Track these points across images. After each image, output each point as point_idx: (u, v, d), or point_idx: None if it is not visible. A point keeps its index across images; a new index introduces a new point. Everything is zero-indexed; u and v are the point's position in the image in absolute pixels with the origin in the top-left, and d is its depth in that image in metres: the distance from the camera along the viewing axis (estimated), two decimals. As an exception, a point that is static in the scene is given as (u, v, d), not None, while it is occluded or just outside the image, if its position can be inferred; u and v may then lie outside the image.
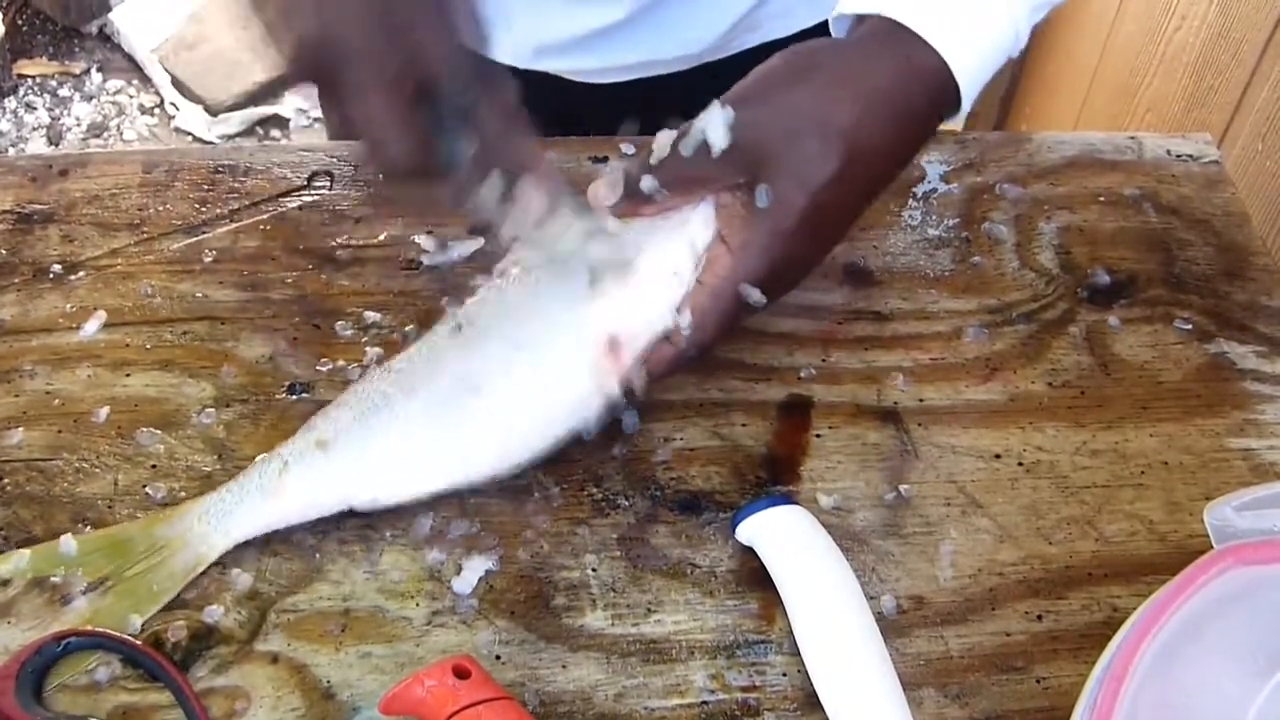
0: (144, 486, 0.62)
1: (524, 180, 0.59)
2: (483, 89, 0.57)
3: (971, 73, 0.61)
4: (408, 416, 0.61)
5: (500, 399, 0.61)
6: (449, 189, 0.59)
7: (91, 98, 2.43)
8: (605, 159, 0.78)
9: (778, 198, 0.60)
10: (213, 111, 2.35)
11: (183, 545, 0.60)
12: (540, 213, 0.60)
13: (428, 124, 0.57)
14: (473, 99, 0.57)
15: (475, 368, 0.62)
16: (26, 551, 0.59)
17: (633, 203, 0.63)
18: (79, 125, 2.38)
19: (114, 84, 2.46)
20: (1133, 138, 0.84)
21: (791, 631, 0.59)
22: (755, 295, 0.61)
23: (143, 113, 2.41)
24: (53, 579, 0.58)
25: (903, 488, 0.65)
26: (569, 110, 0.81)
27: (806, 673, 0.57)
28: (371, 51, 0.55)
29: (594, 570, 0.61)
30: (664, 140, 0.63)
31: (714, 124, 0.60)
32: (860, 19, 0.63)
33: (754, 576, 0.61)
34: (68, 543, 0.59)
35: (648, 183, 0.62)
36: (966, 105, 0.63)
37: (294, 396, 0.66)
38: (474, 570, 0.60)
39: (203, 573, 0.60)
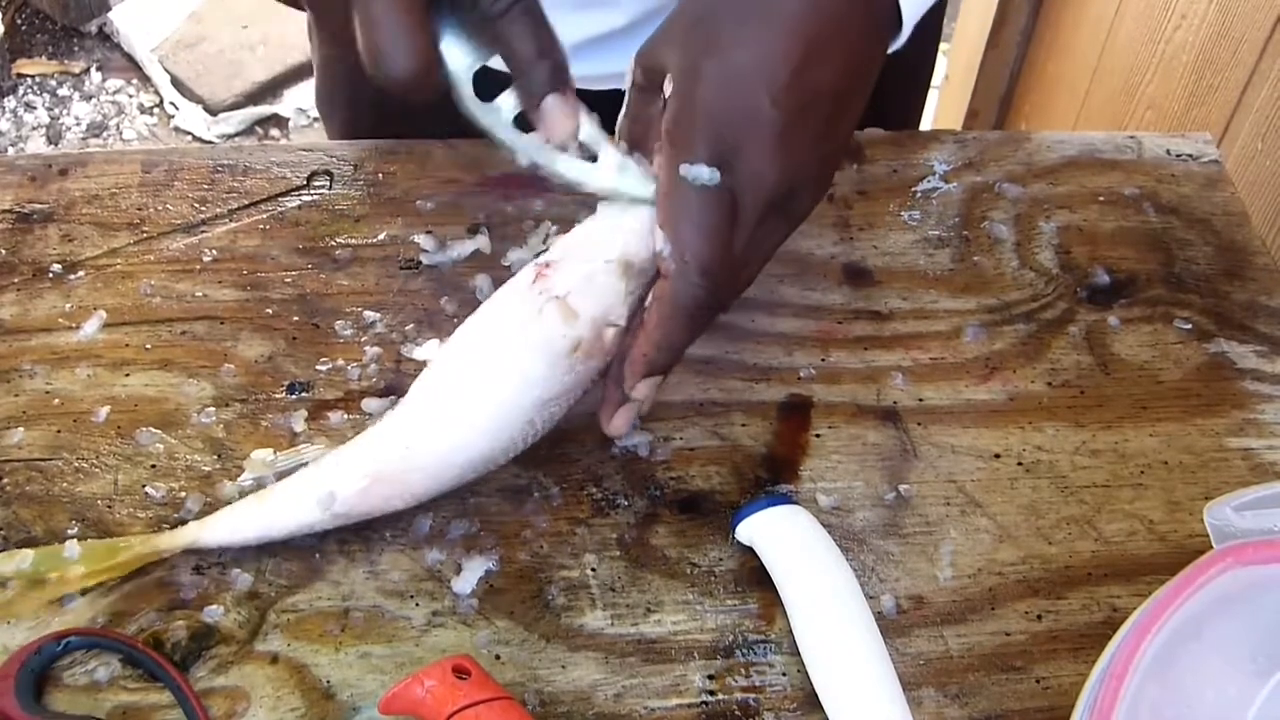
0: (144, 486, 0.62)
1: (549, 102, 0.55)
2: None
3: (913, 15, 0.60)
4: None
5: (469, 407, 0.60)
6: (458, 106, 0.55)
7: (91, 97, 2.43)
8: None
9: (739, 187, 0.57)
10: (212, 111, 2.35)
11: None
12: (563, 135, 0.57)
13: (439, 30, 0.54)
14: (504, 3, 0.53)
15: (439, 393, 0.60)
16: (30, 552, 0.59)
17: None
18: (78, 125, 2.38)
19: (113, 83, 2.46)
20: (1132, 137, 0.84)
21: (791, 631, 0.59)
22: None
23: (142, 112, 2.42)
24: (50, 576, 0.58)
25: (902, 487, 0.65)
26: None
27: (806, 673, 0.57)
28: None
29: (593, 570, 0.61)
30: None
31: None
32: None
33: (754, 576, 0.61)
34: (71, 548, 0.59)
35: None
36: (908, 28, 0.61)
37: (293, 396, 0.66)
38: (474, 570, 0.60)
39: (203, 572, 0.60)
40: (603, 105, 0.77)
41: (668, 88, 0.58)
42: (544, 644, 0.59)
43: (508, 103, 0.57)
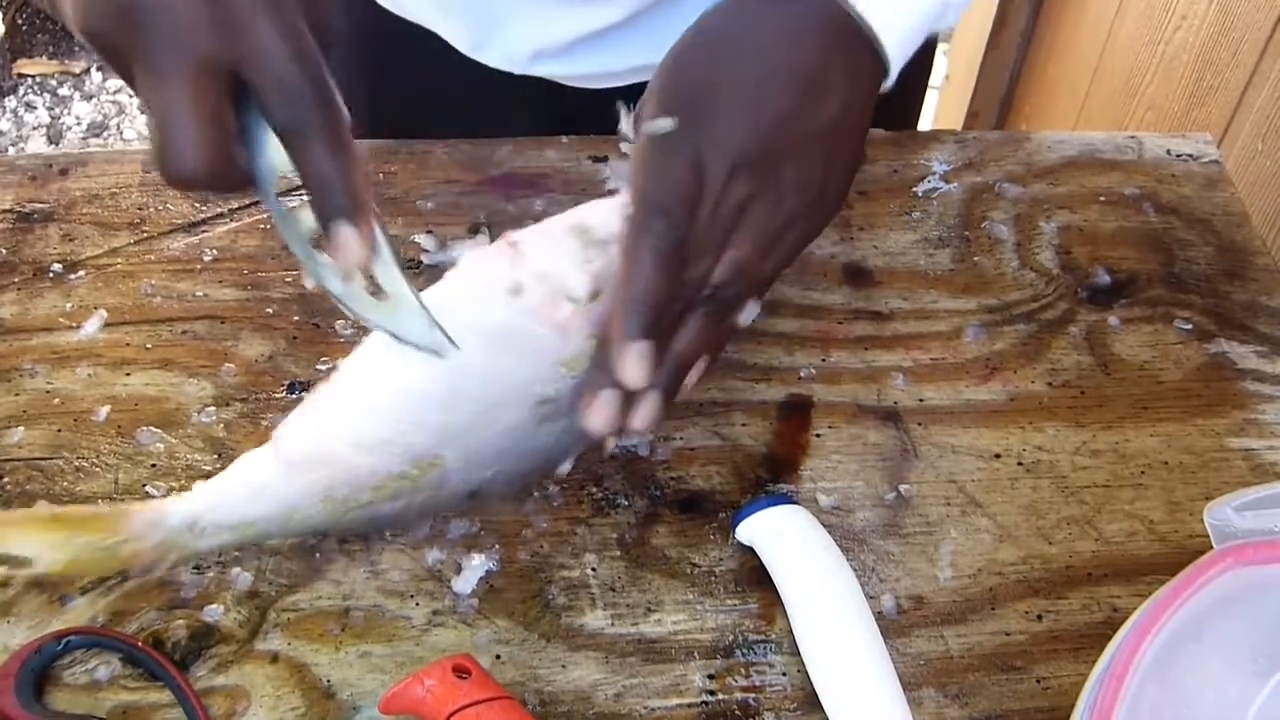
0: (144, 485, 0.62)
1: (341, 229, 0.50)
2: (314, 105, 0.48)
3: (899, 40, 0.59)
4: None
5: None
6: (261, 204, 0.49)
7: (91, 97, 2.43)
8: (605, 159, 0.78)
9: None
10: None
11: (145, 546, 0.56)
12: (351, 266, 0.51)
13: (238, 131, 0.49)
14: (298, 116, 0.48)
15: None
16: None
17: None
18: (79, 124, 2.38)
19: (114, 83, 2.46)
20: (1133, 137, 0.84)
21: (791, 631, 0.59)
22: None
23: (143, 112, 2.42)
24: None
25: (903, 487, 0.65)
26: (565, 117, 0.80)
27: (806, 673, 0.57)
28: (182, 23, 0.46)
29: (594, 570, 0.61)
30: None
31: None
32: None
33: (754, 576, 0.61)
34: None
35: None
36: (894, 73, 0.60)
37: (294, 395, 0.66)
38: (474, 570, 0.60)
39: (203, 571, 0.60)
40: (598, 105, 0.77)
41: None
42: (544, 644, 0.59)
43: (307, 216, 0.51)
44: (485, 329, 0.56)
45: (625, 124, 0.61)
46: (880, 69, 0.60)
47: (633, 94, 0.64)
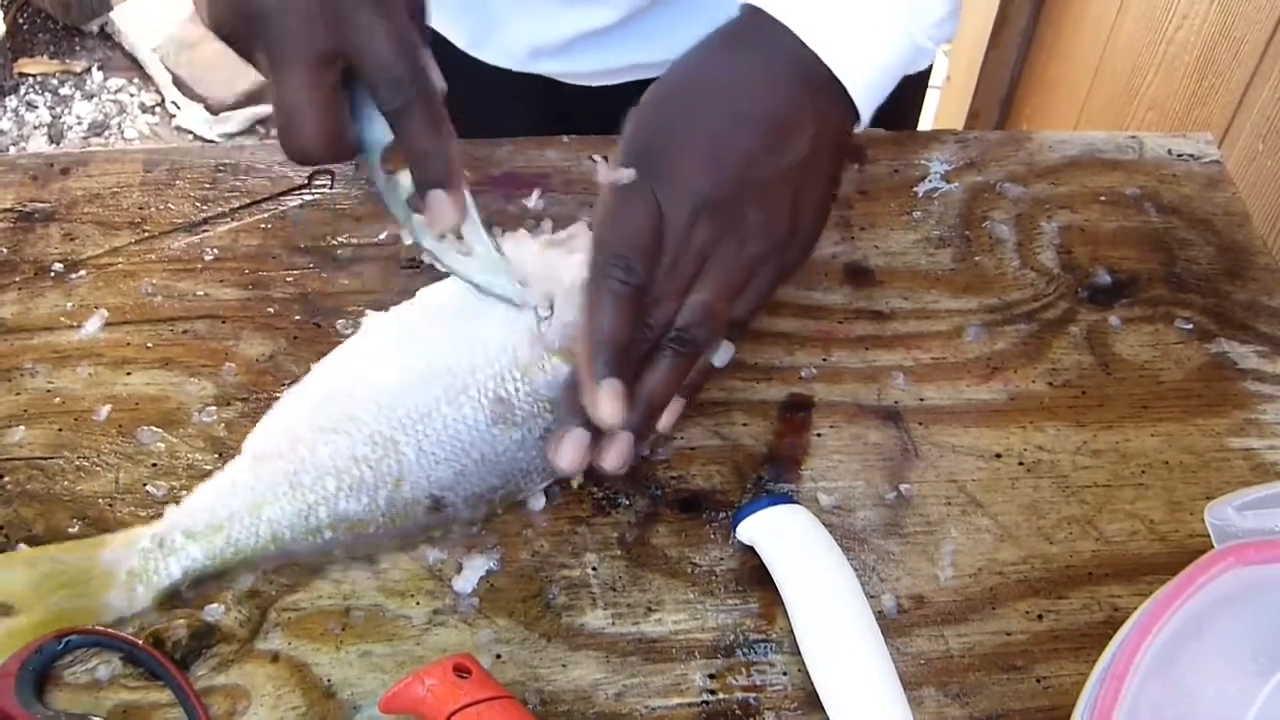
0: (145, 485, 0.63)
1: (434, 195, 0.58)
2: (415, 89, 0.55)
3: (866, 86, 0.61)
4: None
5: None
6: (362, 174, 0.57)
7: (92, 96, 2.44)
8: (605, 159, 0.78)
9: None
10: (214, 110, 2.35)
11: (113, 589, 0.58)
12: (445, 227, 0.59)
13: (349, 111, 0.57)
14: (402, 99, 0.55)
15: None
16: None
17: None
18: (80, 124, 2.38)
19: (115, 82, 2.46)
20: (1134, 137, 0.84)
21: (792, 631, 0.59)
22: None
23: (144, 111, 2.42)
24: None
25: (903, 487, 0.65)
26: (563, 114, 0.81)
27: (806, 672, 0.57)
28: (301, 24, 0.53)
29: (594, 569, 0.61)
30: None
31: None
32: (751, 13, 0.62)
33: (754, 576, 0.61)
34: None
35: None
36: (866, 118, 0.63)
37: (295, 395, 0.66)
38: (474, 569, 0.60)
39: (203, 571, 0.60)
40: (596, 102, 0.77)
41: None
42: (545, 643, 0.59)
43: (406, 181, 0.59)
44: (462, 311, 0.62)
45: (602, 175, 0.63)
46: (852, 108, 0.61)
47: (630, 92, 0.64)
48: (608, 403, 0.56)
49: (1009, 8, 1.76)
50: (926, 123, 2.05)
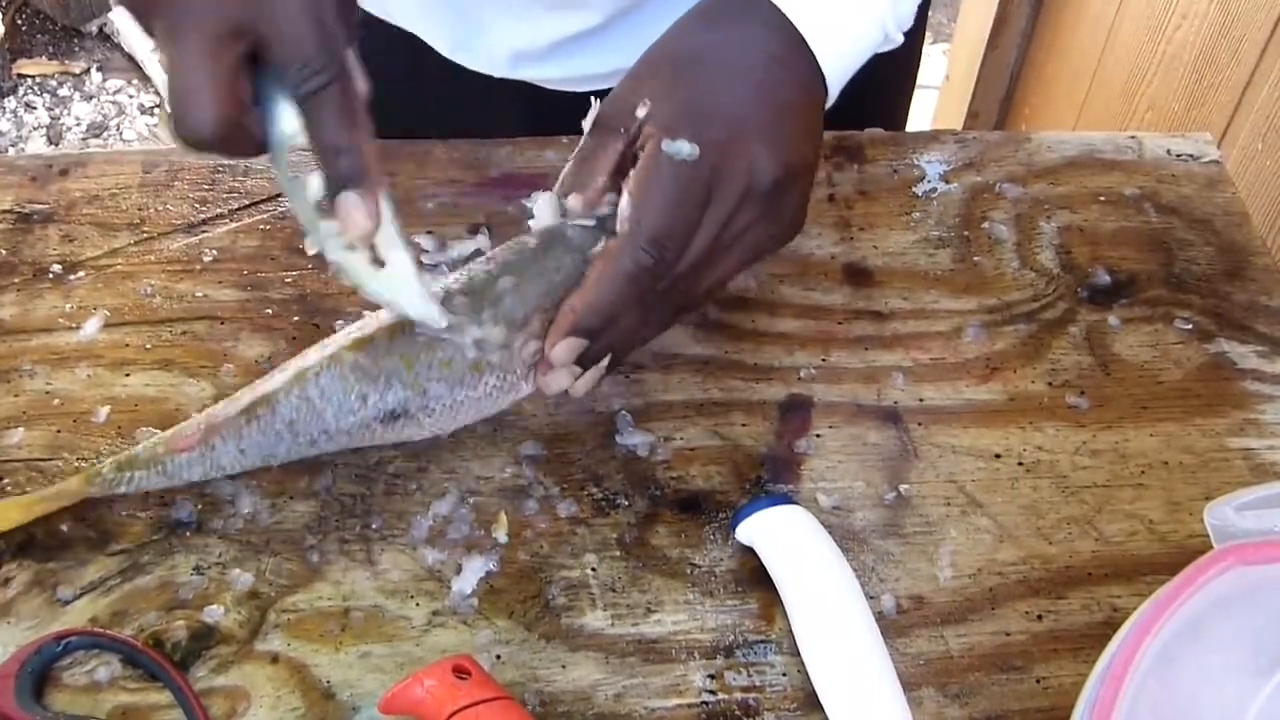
0: (144, 486, 0.63)
1: (346, 197, 0.51)
2: (331, 74, 0.50)
3: (838, 74, 0.61)
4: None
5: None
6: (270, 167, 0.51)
7: (91, 97, 2.43)
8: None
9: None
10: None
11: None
12: (356, 234, 0.52)
13: (253, 95, 0.50)
14: (314, 83, 0.49)
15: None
16: None
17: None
18: (79, 125, 2.38)
19: (114, 83, 2.46)
20: (1133, 137, 0.84)
21: (791, 631, 0.59)
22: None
23: (142, 112, 2.42)
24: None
25: (903, 487, 0.65)
26: (547, 120, 0.80)
27: (806, 673, 0.57)
28: None
29: (594, 570, 0.61)
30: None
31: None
32: None
33: (754, 576, 0.61)
34: None
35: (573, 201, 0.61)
36: (833, 93, 0.62)
37: (294, 396, 0.66)
38: (474, 570, 0.60)
39: (203, 572, 0.60)
40: (580, 108, 0.77)
41: (642, 110, 0.59)
42: (544, 644, 0.59)
43: (315, 183, 0.52)
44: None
45: (589, 122, 0.62)
46: (824, 88, 0.62)
47: None
48: (564, 351, 0.57)
49: (1008, 8, 1.76)
50: (926, 123, 2.05)
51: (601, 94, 0.62)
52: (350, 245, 0.54)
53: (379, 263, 0.55)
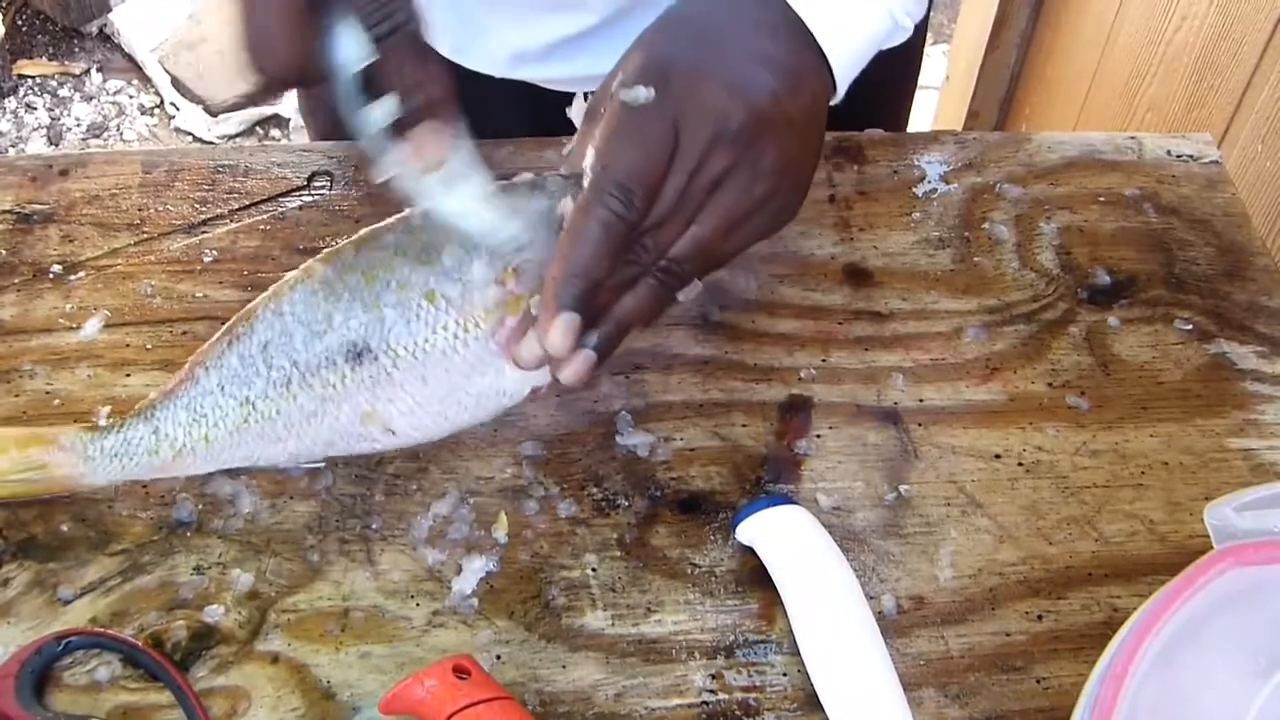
0: (144, 486, 0.62)
1: (423, 128, 0.56)
2: (405, 18, 0.54)
3: (846, 65, 0.60)
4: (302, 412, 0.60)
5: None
6: (338, 102, 0.55)
7: (91, 98, 2.43)
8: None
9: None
10: (212, 112, 2.35)
11: (61, 472, 0.60)
12: (430, 161, 0.56)
13: (325, 32, 0.54)
14: (388, 26, 0.54)
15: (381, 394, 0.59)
16: None
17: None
18: (79, 125, 2.38)
19: (114, 84, 2.46)
20: (1133, 138, 0.84)
21: (791, 631, 0.59)
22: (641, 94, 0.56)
23: (143, 113, 2.41)
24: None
25: (903, 488, 0.65)
26: (547, 120, 0.80)
27: (806, 673, 0.57)
28: None
29: (594, 570, 0.61)
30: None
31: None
32: None
33: (754, 576, 0.61)
34: None
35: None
36: (841, 93, 0.62)
37: (294, 396, 0.66)
38: (474, 570, 0.60)
39: (203, 572, 0.60)
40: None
41: (614, 83, 0.58)
42: (544, 644, 0.59)
43: (383, 110, 0.56)
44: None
45: (574, 112, 0.61)
46: (830, 82, 0.61)
47: None
48: (559, 335, 0.55)
49: (1008, 8, 1.76)
50: (925, 124, 2.05)
51: None
52: (425, 170, 0.57)
53: (449, 186, 0.58)
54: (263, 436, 0.60)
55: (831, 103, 0.62)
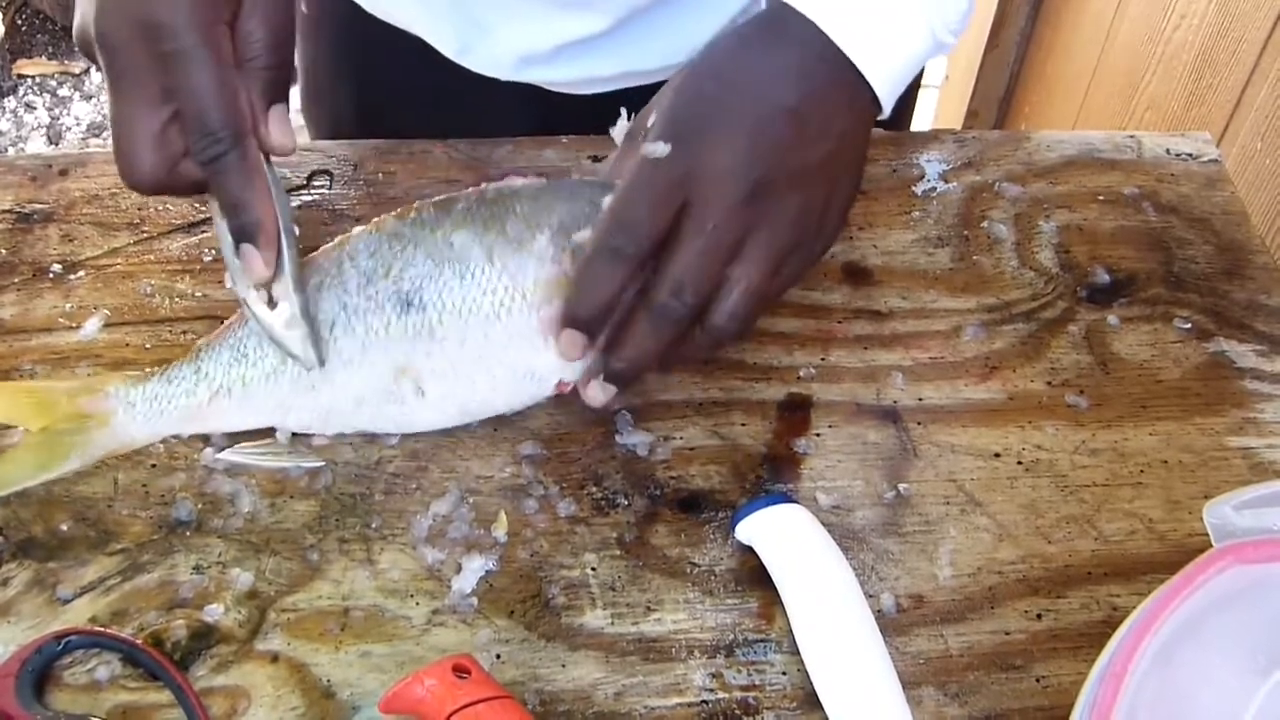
0: (144, 486, 0.63)
1: (244, 248, 0.59)
2: (229, 144, 0.57)
3: (889, 82, 0.62)
4: (352, 353, 0.62)
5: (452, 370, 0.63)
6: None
7: (91, 97, 2.43)
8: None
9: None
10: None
11: (104, 424, 0.62)
12: (253, 280, 0.60)
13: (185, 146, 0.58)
14: (213, 151, 0.57)
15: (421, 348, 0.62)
16: None
17: None
18: (79, 125, 2.38)
19: (113, 84, 2.45)
20: (1132, 136, 0.84)
21: (791, 630, 0.59)
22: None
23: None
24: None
25: (902, 486, 0.65)
26: (552, 123, 0.80)
27: (806, 672, 0.57)
28: (131, 64, 0.56)
29: (593, 569, 0.61)
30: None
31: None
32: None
33: (754, 575, 0.61)
34: None
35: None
36: (887, 109, 0.63)
37: (294, 396, 0.66)
38: (474, 569, 0.60)
39: (203, 571, 0.60)
40: (585, 111, 0.77)
41: (649, 120, 0.61)
42: (544, 643, 0.59)
43: (222, 227, 0.60)
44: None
45: (617, 132, 0.65)
46: (874, 102, 0.61)
47: (618, 100, 0.65)
48: (569, 346, 0.60)
49: (1008, 7, 1.76)
50: (925, 122, 2.05)
51: (607, 97, 0.63)
52: (254, 286, 0.61)
53: (273, 304, 0.61)
54: (296, 383, 0.62)
55: (880, 117, 0.64)
